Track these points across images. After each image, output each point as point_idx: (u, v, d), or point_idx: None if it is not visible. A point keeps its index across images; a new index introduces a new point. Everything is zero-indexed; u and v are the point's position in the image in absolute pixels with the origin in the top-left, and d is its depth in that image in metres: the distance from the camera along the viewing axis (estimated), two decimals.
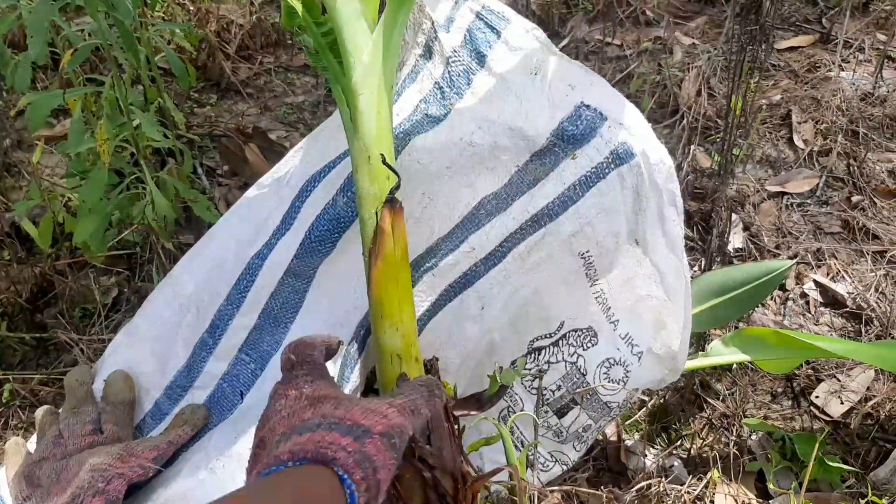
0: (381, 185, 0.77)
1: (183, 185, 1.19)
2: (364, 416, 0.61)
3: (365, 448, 0.58)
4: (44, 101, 1.05)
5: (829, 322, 1.40)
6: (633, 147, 0.85)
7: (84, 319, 1.27)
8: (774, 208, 1.64)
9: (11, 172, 1.57)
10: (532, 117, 0.86)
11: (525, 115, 0.86)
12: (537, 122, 0.86)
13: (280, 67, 2.09)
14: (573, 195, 0.86)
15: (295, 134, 1.81)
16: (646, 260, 0.92)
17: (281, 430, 0.63)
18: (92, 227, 1.08)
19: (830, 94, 1.90)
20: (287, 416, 0.64)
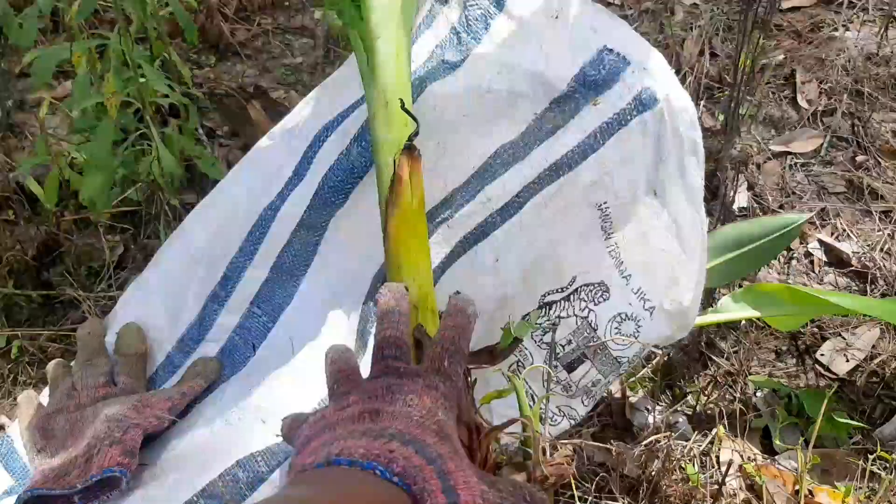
0: (399, 132, 0.76)
1: (188, 142, 1.17)
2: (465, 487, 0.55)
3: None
4: (50, 55, 1.03)
5: (834, 281, 1.40)
6: (656, 93, 0.84)
7: (90, 277, 1.26)
8: (778, 168, 1.64)
9: (14, 133, 1.55)
10: (552, 62, 0.84)
11: (545, 59, 0.84)
12: (558, 67, 0.84)
13: (278, 29, 2.07)
14: (593, 143, 0.84)
15: (294, 94, 1.79)
16: (663, 212, 0.91)
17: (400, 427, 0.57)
18: (98, 183, 1.06)
19: (835, 54, 1.89)
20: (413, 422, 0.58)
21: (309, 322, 0.89)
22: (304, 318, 0.90)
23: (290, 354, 0.87)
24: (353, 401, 0.61)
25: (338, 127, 0.89)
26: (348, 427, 0.57)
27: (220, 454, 0.80)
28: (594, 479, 1.01)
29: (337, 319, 0.87)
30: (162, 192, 1.17)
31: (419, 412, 0.58)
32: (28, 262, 1.23)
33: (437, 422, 0.58)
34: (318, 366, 0.84)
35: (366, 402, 0.60)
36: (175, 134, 1.17)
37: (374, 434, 0.55)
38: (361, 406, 0.60)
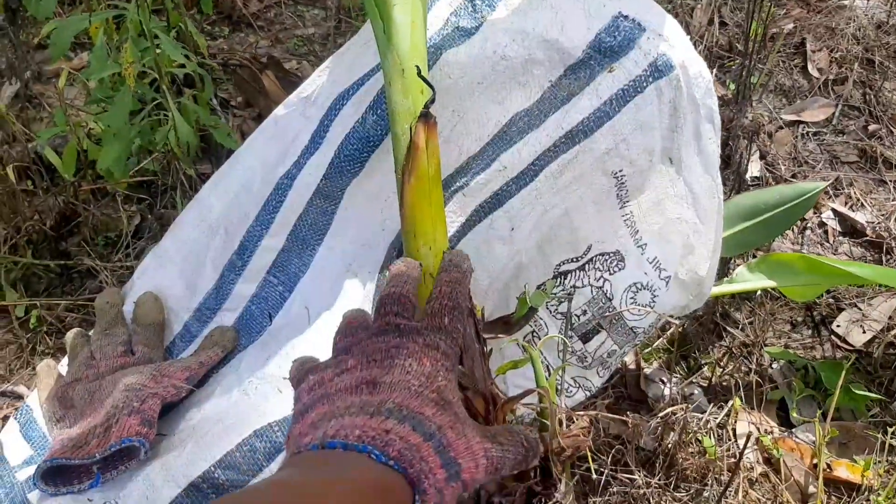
0: (415, 100, 0.76)
1: (204, 112, 1.18)
2: (466, 454, 0.55)
3: (447, 489, 0.52)
4: (68, 26, 1.04)
5: (849, 251, 1.40)
6: (672, 59, 0.83)
7: (107, 247, 1.27)
8: (790, 137, 1.63)
9: (32, 104, 1.56)
10: (568, 28, 0.84)
11: (561, 25, 0.84)
12: (573, 34, 0.84)
13: (290, 0, 2.06)
14: (609, 110, 0.84)
15: (306, 65, 1.79)
16: (679, 180, 0.91)
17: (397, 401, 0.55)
18: (115, 153, 1.07)
19: (844, 23, 1.88)
20: (411, 393, 0.57)
21: (325, 290, 0.90)
22: (320, 286, 0.91)
23: (305, 323, 0.87)
24: (351, 365, 0.60)
25: (353, 95, 0.89)
26: (346, 400, 0.56)
27: (238, 424, 0.81)
28: (610, 452, 1.01)
29: (352, 288, 0.88)
30: (178, 161, 1.17)
31: (418, 380, 0.57)
32: (46, 232, 1.24)
33: (436, 389, 0.57)
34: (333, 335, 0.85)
35: (364, 367, 0.59)
36: (191, 104, 1.17)
37: (371, 410, 0.54)
38: (359, 373, 0.59)
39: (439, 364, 0.59)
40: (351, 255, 0.90)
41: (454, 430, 0.55)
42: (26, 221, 1.21)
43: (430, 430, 0.53)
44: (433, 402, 0.56)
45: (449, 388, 0.58)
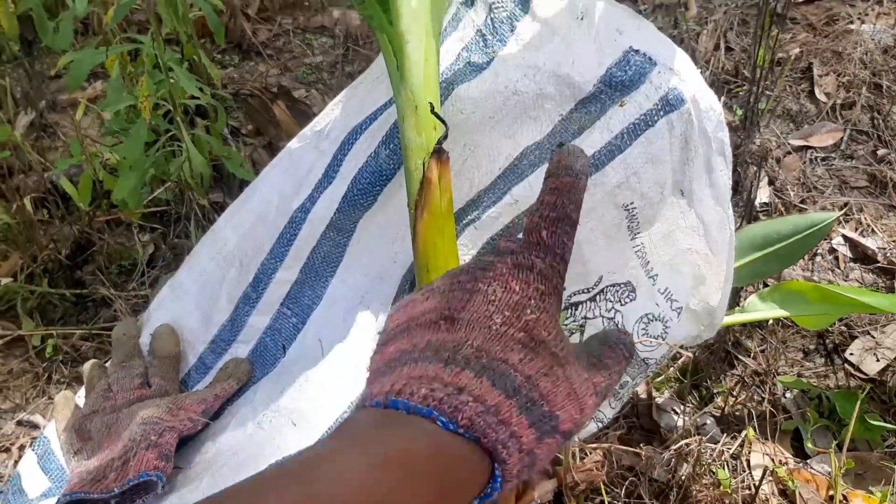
0: (428, 135, 0.77)
1: (217, 142, 1.19)
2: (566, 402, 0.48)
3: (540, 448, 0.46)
4: (85, 59, 1.05)
5: (860, 278, 1.40)
6: (683, 93, 0.84)
7: (121, 275, 1.28)
8: (798, 162, 1.64)
9: (48, 133, 1.58)
10: (579, 63, 0.85)
11: (571, 61, 0.85)
12: (584, 69, 0.85)
13: (298, 29, 2.08)
14: (620, 144, 0.85)
15: (315, 94, 1.81)
16: (690, 212, 0.91)
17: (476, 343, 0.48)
18: (131, 184, 1.08)
19: (851, 47, 1.88)
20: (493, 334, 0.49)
21: (338, 323, 0.90)
22: (333, 319, 0.91)
23: (319, 356, 0.88)
24: (437, 286, 0.54)
25: (366, 129, 0.90)
26: (423, 337, 0.50)
27: (253, 457, 0.81)
28: (623, 484, 1.01)
29: (365, 320, 0.88)
30: (191, 191, 1.18)
31: (501, 315, 0.49)
32: (62, 261, 1.26)
33: (525, 324, 0.49)
34: (347, 367, 0.86)
35: (447, 294, 0.52)
36: (204, 135, 1.18)
37: (446, 356, 0.47)
38: (440, 302, 0.51)
39: (531, 289, 0.51)
40: (363, 288, 0.91)
41: (550, 376, 0.48)
42: (42, 251, 1.22)
43: (515, 382, 0.46)
44: (520, 343, 0.48)
45: (542, 322, 0.50)
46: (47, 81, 1.71)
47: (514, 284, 0.51)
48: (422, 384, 0.45)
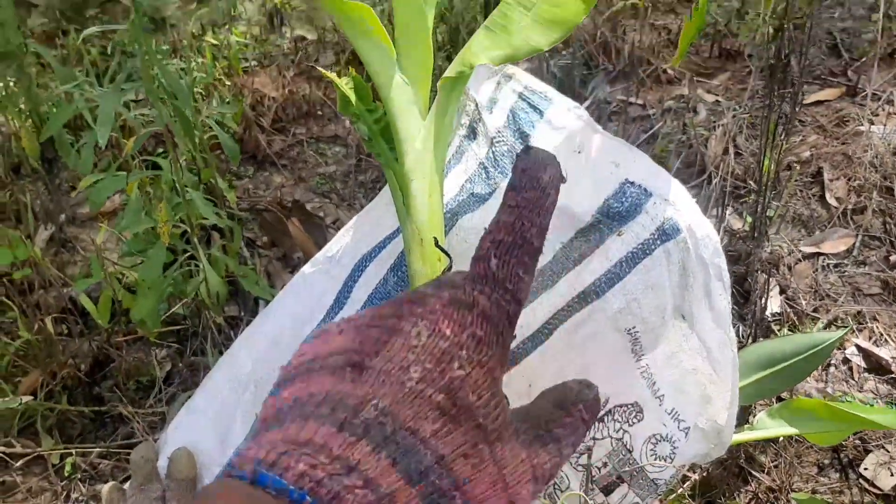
0: (433, 267, 0.80)
1: (233, 262, 1.23)
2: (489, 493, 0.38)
3: None
4: (107, 184, 1.10)
5: (874, 388, 1.39)
6: (679, 222, 0.87)
7: (139, 392, 1.31)
8: (810, 270, 1.65)
9: (67, 247, 1.63)
10: (576, 195, 0.88)
11: (569, 192, 0.88)
12: (582, 200, 0.88)
13: (312, 139, 2.15)
14: (619, 272, 0.87)
15: (329, 205, 1.86)
16: (692, 335, 0.93)
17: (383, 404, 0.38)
18: (150, 304, 1.12)
19: (861, 150, 1.91)
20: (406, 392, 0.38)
21: None
22: None
23: None
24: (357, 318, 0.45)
25: (376, 257, 0.93)
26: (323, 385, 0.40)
27: None
28: None
29: None
30: (208, 310, 1.21)
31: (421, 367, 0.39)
32: (81, 377, 1.28)
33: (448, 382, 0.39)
34: None
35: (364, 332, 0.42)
36: (220, 254, 1.22)
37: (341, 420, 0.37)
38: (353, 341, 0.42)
39: (465, 335, 0.40)
40: None
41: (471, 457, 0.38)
42: (62, 368, 1.25)
43: (423, 463, 0.36)
44: (438, 409, 0.38)
45: (471, 381, 0.39)
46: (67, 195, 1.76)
47: (445, 327, 0.40)
48: (303, 456, 0.36)
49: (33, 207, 1.70)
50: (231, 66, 2.21)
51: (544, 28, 0.72)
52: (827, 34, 2.46)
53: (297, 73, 2.45)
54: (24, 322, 1.28)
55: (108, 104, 0.99)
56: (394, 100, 0.79)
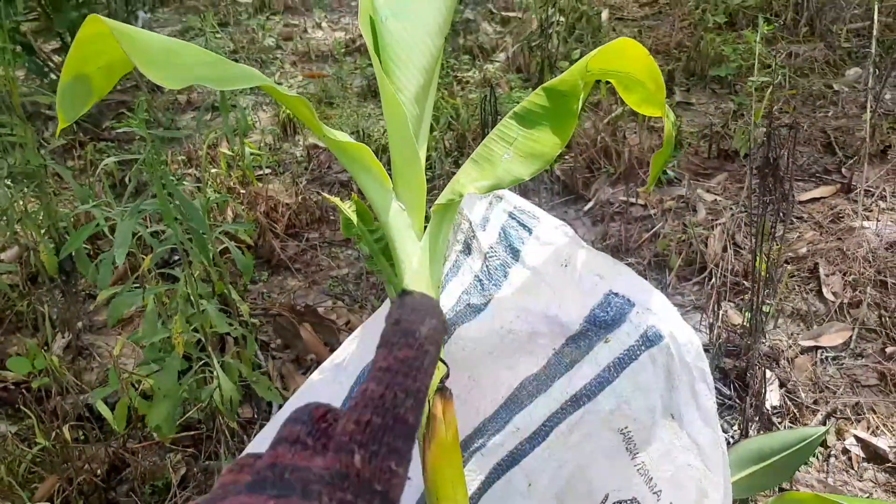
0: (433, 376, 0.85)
1: (247, 369, 1.28)
2: None
3: None
4: (125, 299, 1.17)
5: (874, 478, 1.42)
6: (661, 330, 0.92)
7: (154, 496, 1.34)
8: (809, 363, 1.69)
9: (84, 355, 1.68)
10: (565, 305, 0.94)
11: (559, 303, 0.94)
12: (570, 310, 0.94)
13: (324, 242, 2.23)
14: (609, 376, 0.93)
15: (342, 307, 1.91)
16: (682, 433, 0.97)
17: None
18: (166, 411, 1.17)
19: (856, 245, 1.97)
20: None
21: None
22: None
23: None
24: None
25: None
26: None
27: None
28: None
29: None
30: (222, 415, 1.26)
31: None
32: (97, 483, 1.32)
33: None
34: None
35: None
36: (234, 362, 1.28)
37: None
38: None
39: None
40: None
41: None
42: (79, 474, 1.29)
43: None
44: None
45: None
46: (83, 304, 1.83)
47: None
48: None
49: (50, 316, 1.77)
50: (245, 175, 2.30)
51: (525, 160, 0.79)
52: (821, 132, 2.54)
53: (311, 180, 2.55)
54: (41, 429, 1.32)
55: (126, 227, 1.07)
56: (391, 224, 0.86)
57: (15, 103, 1.70)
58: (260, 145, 2.69)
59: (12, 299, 1.88)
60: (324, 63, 3.46)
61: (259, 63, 3.39)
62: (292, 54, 3.54)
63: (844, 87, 2.81)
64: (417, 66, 0.86)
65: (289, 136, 2.81)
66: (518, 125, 0.82)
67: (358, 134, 2.64)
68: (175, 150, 2.66)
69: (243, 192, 2.23)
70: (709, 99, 2.86)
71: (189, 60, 0.75)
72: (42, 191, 1.69)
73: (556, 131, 0.78)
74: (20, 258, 1.93)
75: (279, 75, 3.32)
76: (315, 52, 3.52)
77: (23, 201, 1.73)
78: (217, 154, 2.42)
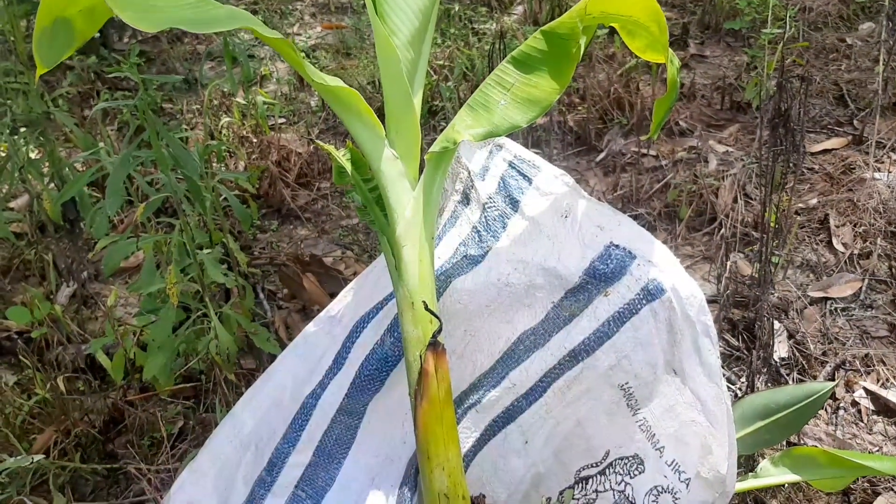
0: (425, 329, 0.83)
1: (245, 319, 1.26)
2: None
3: None
4: (118, 249, 1.15)
5: (883, 430, 1.39)
6: (663, 283, 0.89)
7: (152, 448, 1.33)
8: (818, 314, 1.66)
9: (88, 304, 1.67)
10: (564, 257, 0.91)
11: (557, 255, 0.91)
12: (569, 262, 0.91)
13: (336, 192, 2.20)
14: (608, 330, 0.90)
15: (350, 257, 1.89)
16: (685, 388, 0.95)
17: None
18: (161, 363, 1.15)
19: (867, 197, 1.93)
20: None
21: None
22: (345, 500, 0.95)
23: None
24: None
25: (373, 319, 0.96)
26: None
27: None
28: None
29: (376, 502, 0.92)
30: (219, 367, 1.25)
31: None
32: (95, 434, 1.31)
33: None
34: None
35: None
36: (233, 313, 1.26)
37: None
38: None
39: None
40: (374, 469, 0.95)
41: None
42: (76, 425, 1.28)
43: None
44: None
45: None
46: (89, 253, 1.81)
47: None
48: None
49: (57, 265, 1.76)
50: (258, 125, 2.28)
51: (522, 107, 0.75)
52: (834, 85, 2.49)
53: (324, 129, 2.52)
54: (40, 380, 1.32)
55: (118, 174, 1.04)
56: (384, 172, 0.83)
57: (20, 51, 1.67)
58: (276, 95, 2.66)
59: (20, 248, 1.87)
60: (343, 15, 3.41)
61: (279, 14, 3.35)
62: (312, 6, 3.50)
63: (858, 40, 2.76)
64: (413, 8, 0.83)
65: (305, 86, 2.78)
66: (516, 70, 0.78)
67: (374, 84, 2.61)
68: (191, 98, 2.64)
69: (255, 142, 2.21)
70: (723, 52, 2.82)
71: (167, 3, 0.72)
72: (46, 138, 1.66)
73: (554, 76, 0.75)
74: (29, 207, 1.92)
75: (298, 26, 3.28)
76: (335, 3, 3.48)
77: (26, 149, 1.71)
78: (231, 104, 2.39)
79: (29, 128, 1.55)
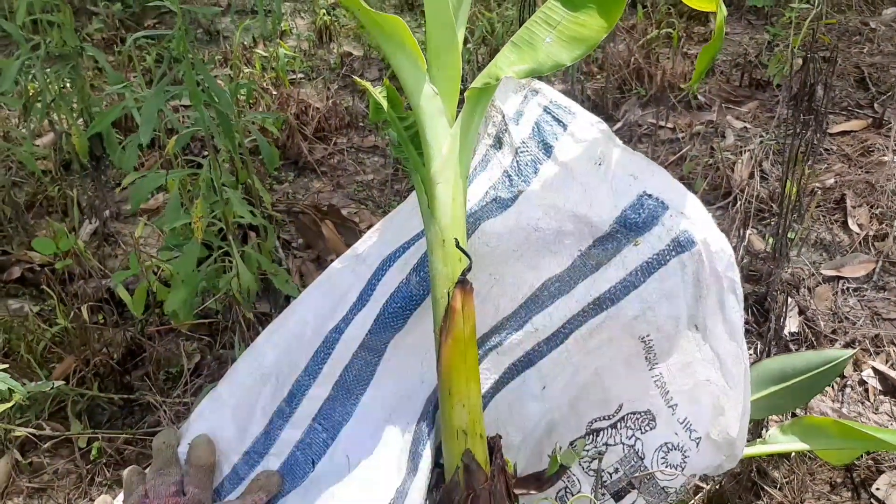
0: (454, 267, 0.83)
1: (265, 260, 1.27)
2: None
3: None
4: (147, 181, 1.15)
5: (889, 411, 1.40)
6: (693, 235, 0.90)
7: (168, 382, 1.35)
8: (830, 292, 1.66)
9: (109, 241, 1.68)
10: (596, 205, 0.91)
11: (589, 203, 0.91)
12: (601, 210, 0.91)
13: (352, 148, 2.20)
14: (635, 280, 0.90)
15: (364, 211, 1.90)
16: (705, 346, 0.95)
17: None
18: (183, 297, 1.16)
19: (885, 179, 1.93)
20: None
21: (365, 439, 0.95)
22: (362, 435, 0.96)
23: (345, 472, 0.92)
24: None
25: (399, 257, 0.96)
26: None
27: None
28: None
29: (392, 437, 0.93)
30: (238, 305, 1.26)
31: None
32: (113, 365, 1.33)
33: None
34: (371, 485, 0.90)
35: None
36: (254, 252, 1.27)
37: None
38: None
39: None
40: (392, 406, 0.96)
41: None
42: (96, 355, 1.30)
43: None
44: None
45: None
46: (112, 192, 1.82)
47: None
48: None
49: (80, 202, 1.77)
50: (278, 77, 2.28)
51: (568, 45, 0.75)
52: (855, 68, 2.48)
53: (342, 86, 2.52)
54: (62, 310, 1.33)
55: (152, 105, 1.04)
56: (423, 108, 0.83)
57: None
58: (295, 50, 2.66)
59: (45, 184, 1.89)
60: None
61: None
62: None
63: (881, 24, 2.75)
64: None
65: (324, 42, 2.78)
66: (563, 7, 0.78)
67: None
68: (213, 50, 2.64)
69: (275, 94, 2.21)
70: (744, 29, 2.81)
71: None
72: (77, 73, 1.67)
73: (602, 13, 0.75)
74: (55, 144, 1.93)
75: None
76: None
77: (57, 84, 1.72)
78: (252, 56, 2.40)
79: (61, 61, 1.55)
